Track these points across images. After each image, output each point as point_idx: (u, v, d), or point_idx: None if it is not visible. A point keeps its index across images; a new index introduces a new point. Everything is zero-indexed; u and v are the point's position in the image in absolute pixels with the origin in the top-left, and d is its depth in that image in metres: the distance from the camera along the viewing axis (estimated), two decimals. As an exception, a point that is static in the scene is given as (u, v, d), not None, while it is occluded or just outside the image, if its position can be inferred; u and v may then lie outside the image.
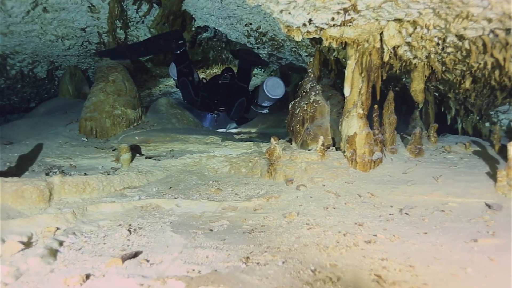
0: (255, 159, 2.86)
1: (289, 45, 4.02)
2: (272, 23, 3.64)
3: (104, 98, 3.76)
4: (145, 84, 6.79)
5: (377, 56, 2.60)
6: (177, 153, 3.40)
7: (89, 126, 3.78)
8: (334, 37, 2.52)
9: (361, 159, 2.60)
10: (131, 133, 3.71)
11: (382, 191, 2.31)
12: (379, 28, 2.42)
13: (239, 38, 4.37)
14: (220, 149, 3.29)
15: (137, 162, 3.06)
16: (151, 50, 4.39)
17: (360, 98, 2.66)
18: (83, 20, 3.88)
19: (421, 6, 2.05)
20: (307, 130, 3.13)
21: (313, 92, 3.28)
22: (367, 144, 2.63)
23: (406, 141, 3.20)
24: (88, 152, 3.35)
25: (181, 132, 3.84)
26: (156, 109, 4.47)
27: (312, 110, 3.16)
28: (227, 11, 3.68)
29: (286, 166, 2.57)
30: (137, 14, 4.22)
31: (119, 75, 3.86)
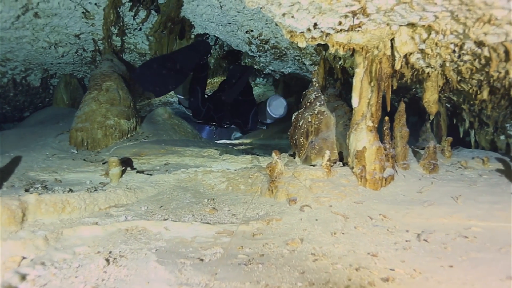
0: (255, 175, 2.65)
1: (292, 53, 3.85)
2: (274, 29, 3.48)
3: (96, 107, 3.59)
4: (143, 93, 6.65)
5: (388, 64, 2.41)
6: (171, 166, 3.20)
7: (80, 137, 3.60)
8: (341, 43, 2.34)
9: (371, 176, 2.39)
10: (124, 145, 3.52)
11: (395, 212, 2.09)
12: (390, 34, 2.24)
13: (240, 46, 4.21)
14: (218, 163, 3.08)
15: (127, 177, 2.86)
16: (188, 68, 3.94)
17: (369, 110, 2.46)
18: (77, 26, 3.74)
19: (438, 9, 1.87)
20: (311, 143, 2.92)
21: (318, 102, 3.09)
22: (378, 159, 2.42)
23: (418, 155, 2.98)
24: (76, 165, 3.16)
25: (178, 144, 3.65)
26: (153, 120, 4.29)
27: (317, 122, 2.96)
28: (227, 17, 3.53)
29: (288, 183, 2.35)
30: (134, 21, 4.09)
31: (113, 84, 3.70)
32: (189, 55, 3.88)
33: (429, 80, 2.69)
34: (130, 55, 4.72)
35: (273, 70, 5.11)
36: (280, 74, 5.24)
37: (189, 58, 3.87)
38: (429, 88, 2.71)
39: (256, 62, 5.01)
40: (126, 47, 4.52)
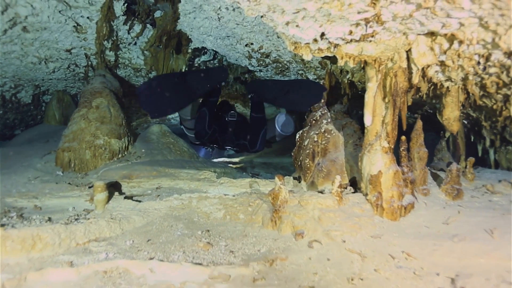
0: (256, 202, 2.37)
1: (295, 67, 3.64)
2: (276, 42, 3.28)
3: (85, 126, 3.36)
4: (140, 109, 6.44)
5: (404, 78, 2.17)
6: (164, 191, 2.92)
7: (67, 158, 3.35)
8: (351, 55, 2.11)
9: (389, 205, 2.10)
10: (113, 166, 3.26)
11: (421, 249, 1.79)
12: (407, 44, 2.01)
13: (240, 60, 4.01)
14: (215, 187, 2.81)
15: (114, 203, 2.59)
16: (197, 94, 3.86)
17: (384, 129, 2.20)
18: (68, 41, 3.56)
19: (464, 15, 1.64)
20: (318, 165, 2.66)
21: (324, 120, 2.84)
22: (395, 185, 2.14)
23: (439, 179, 2.70)
24: (60, 190, 2.89)
25: (172, 165, 3.39)
26: (147, 138, 4.05)
27: (324, 142, 2.70)
28: (226, 30, 3.34)
29: (294, 213, 2.07)
30: (129, 35, 3.92)
31: (104, 101, 3.48)
32: (203, 80, 3.84)
33: (449, 95, 2.44)
34: (125, 71, 4.53)
35: (275, 85, 4.89)
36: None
37: (202, 83, 3.82)
38: (449, 104, 2.46)
39: (257, 77, 4.80)
40: (121, 62, 4.33)
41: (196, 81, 3.79)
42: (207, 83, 3.85)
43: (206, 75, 3.91)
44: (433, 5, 1.59)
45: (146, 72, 4.69)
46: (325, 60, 3.17)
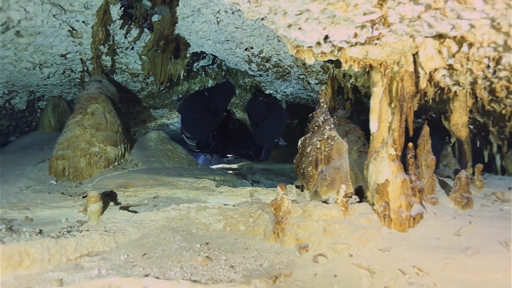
0: (257, 212, 2.28)
1: (296, 71, 3.56)
2: (277, 46, 3.20)
3: (80, 133, 3.26)
4: (138, 115, 6.37)
5: (411, 82, 2.09)
6: (161, 201, 2.82)
7: (61, 166, 3.25)
8: (356, 58, 2.03)
9: (397, 215, 2.01)
10: (109, 175, 3.16)
11: (432, 263, 1.70)
12: (414, 47, 1.93)
13: (239, 65, 3.94)
14: (214, 196, 2.71)
15: (108, 214, 2.49)
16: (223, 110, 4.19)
17: (391, 135, 2.11)
18: (63, 45, 3.48)
19: (476, 16, 1.56)
20: (321, 173, 2.56)
21: (327, 126, 2.75)
22: (403, 194, 2.05)
23: (448, 187, 2.60)
24: (53, 200, 2.79)
25: (170, 173, 3.29)
26: (144, 145, 3.96)
27: (327, 149, 2.61)
28: (225, 34, 3.27)
29: (298, 225, 1.97)
30: (125, 40, 3.84)
31: (99, 107, 3.39)
32: (223, 95, 4.14)
33: (457, 100, 2.36)
34: (122, 76, 4.46)
35: (275, 90, 4.82)
36: (282, 94, 4.96)
37: (223, 98, 4.14)
38: (457, 109, 2.38)
39: (256, 82, 4.73)
40: (118, 67, 4.26)
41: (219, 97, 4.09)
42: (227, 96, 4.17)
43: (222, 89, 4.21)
44: (443, 6, 1.51)
45: (143, 77, 4.62)
46: (327, 64, 3.10)
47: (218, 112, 4.08)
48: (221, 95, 4.13)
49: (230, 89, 4.32)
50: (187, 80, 5.36)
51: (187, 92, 5.68)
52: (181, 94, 5.64)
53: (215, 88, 4.44)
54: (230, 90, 4.32)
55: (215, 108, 4.03)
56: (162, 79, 4.40)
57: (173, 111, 6.46)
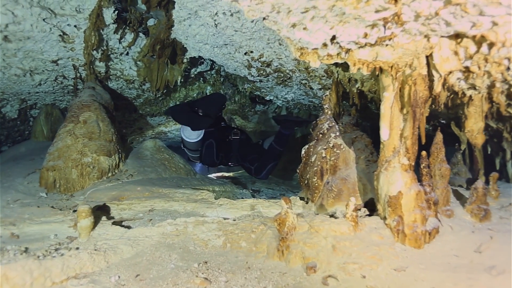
0: (259, 227, 2.12)
1: (298, 76, 3.43)
2: (278, 50, 3.08)
3: (72, 142, 3.12)
4: (134, 123, 6.22)
5: (424, 86, 1.95)
6: (157, 214, 2.67)
7: (52, 178, 3.10)
8: (365, 61, 1.90)
9: (412, 230, 1.86)
10: (102, 186, 3.01)
11: (454, 285, 1.55)
12: (428, 48, 1.80)
13: (238, 70, 3.81)
14: (213, 209, 2.56)
15: (100, 230, 2.33)
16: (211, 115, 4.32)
17: (403, 144, 1.97)
18: (54, 51, 3.35)
19: (501, 11, 1.43)
20: (327, 184, 2.42)
21: (333, 133, 2.61)
22: (418, 207, 1.90)
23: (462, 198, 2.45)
24: (41, 214, 2.63)
25: (166, 184, 3.14)
26: (140, 154, 3.81)
27: (333, 158, 2.47)
28: (223, 37, 3.14)
29: (304, 242, 1.82)
30: (120, 45, 3.72)
31: (92, 115, 3.25)
32: (209, 103, 4.27)
33: (472, 105, 2.23)
34: (117, 82, 4.33)
35: (275, 96, 4.70)
36: (283, 100, 4.83)
37: (210, 106, 4.25)
38: (472, 114, 2.24)
39: (256, 88, 4.60)
40: (112, 74, 4.13)
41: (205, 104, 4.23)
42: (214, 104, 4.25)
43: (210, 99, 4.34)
44: (464, 1, 1.38)
45: (139, 84, 4.49)
46: (331, 69, 2.97)
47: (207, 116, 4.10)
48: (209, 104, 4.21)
49: (219, 97, 4.35)
50: (184, 86, 5.23)
51: (185, 99, 5.56)
52: (179, 101, 5.51)
53: (201, 99, 4.50)
54: (219, 98, 4.33)
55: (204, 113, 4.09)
56: (158, 85, 4.27)
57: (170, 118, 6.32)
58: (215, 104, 4.27)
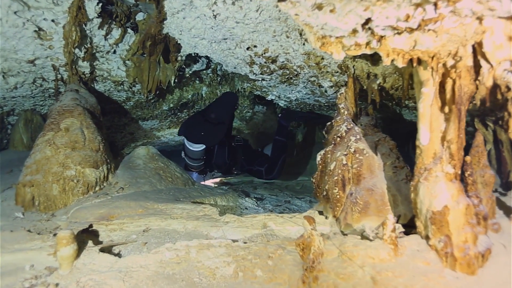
0: (277, 252, 1.81)
1: (306, 73, 3.13)
2: (285, 44, 2.77)
3: (52, 153, 2.77)
4: (125, 128, 5.86)
5: (469, 80, 1.66)
6: (153, 235, 2.34)
7: (29, 195, 2.75)
8: (400, 51, 1.61)
9: (463, 253, 1.57)
10: (88, 203, 2.67)
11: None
12: (480, 33, 1.51)
13: (239, 68, 3.50)
14: (218, 228, 2.24)
15: (86, 258, 2.00)
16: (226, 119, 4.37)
17: (446, 149, 1.68)
18: (29, 49, 3.00)
19: None
20: (351, 196, 2.11)
21: (353, 136, 2.31)
22: (468, 224, 1.61)
23: (503, 207, 2.18)
24: (15, 240, 2.28)
25: (162, 198, 2.81)
26: (131, 164, 3.47)
27: (356, 165, 2.17)
28: (223, 30, 2.83)
29: (336, 273, 1.51)
30: (106, 42, 3.38)
31: (76, 121, 2.91)
32: (221, 107, 4.26)
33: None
34: (104, 84, 3.98)
35: (278, 95, 4.39)
36: (286, 100, 4.52)
37: (222, 109, 4.24)
38: (520, 111, 1.96)
39: (257, 87, 4.29)
40: (98, 75, 3.78)
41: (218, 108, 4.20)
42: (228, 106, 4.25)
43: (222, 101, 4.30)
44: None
45: (129, 86, 4.14)
46: (346, 63, 2.68)
47: (220, 122, 4.06)
48: (220, 106, 4.18)
49: (229, 97, 4.31)
50: (178, 87, 4.90)
51: (179, 101, 5.22)
52: (172, 103, 5.17)
53: (213, 103, 4.45)
54: (230, 98, 4.30)
55: (215, 120, 4.04)
56: (150, 87, 3.94)
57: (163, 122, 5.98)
58: (227, 107, 4.24)
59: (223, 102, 4.29)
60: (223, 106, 4.22)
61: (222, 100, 4.36)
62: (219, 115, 4.13)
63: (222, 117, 4.16)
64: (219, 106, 4.21)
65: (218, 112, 4.14)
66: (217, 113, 4.12)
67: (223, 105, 4.24)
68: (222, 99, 4.41)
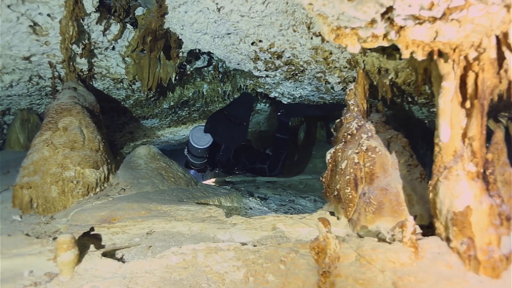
0: (289, 255, 1.73)
1: (313, 69, 3.05)
2: (292, 38, 2.69)
3: (50, 154, 2.68)
4: (124, 127, 5.76)
5: (493, 73, 1.58)
6: (157, 238, 2.26)
7: (27, 197, 2.66)
8: (420, 42, 1.53)
9: (487, 256, 1.49)
10: (89, 205, 2.58)
11: None
12: (506, 22, 1.43)
13: (242, 64, 3.41)
14: (226, 231, 2.16)
15: (87, 264, 1.92)
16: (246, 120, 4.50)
17: (467, 146, 1.60)
18: (25, 45, 2.90)
19: None
20: (364, 196, 2.04)
21: (364, 134, 2.24)
22: (492, 225, 1.54)
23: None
24: (13, 245, 2.20)
25: (165, 199, 2.73)
26: (132, 164, 3.38)
27: (368, 164, 2.09)
28: (227, 25, 2.74)
29: (354, 278, 1.44)
30: (104, 38, 3.28)
31: (74, 120, 2.81)
32: (242, 107, 4.35)
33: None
34: (103, 82, 3.88)
35: (281, 93, 4.30)
36: (289, 97, 4.44)
37: (243, 110, 4.34)
38: (540, 106, 1.88)
39: (260, 84, 4.21)
40: (97, 72, 3.68)
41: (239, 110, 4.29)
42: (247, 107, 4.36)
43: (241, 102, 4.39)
44: None
45: (128, 83, 4.05)
46: (356, 58, 2.60)
47: (242, 122, 4.18)
48: (240, 107, 4.27)
49: (248, 98, 4.40)
50: (178, 85, 4.80)
51: (180, 100, 5.13)
52: (173, 101, 5.08)
53: (232, 103, 4.55)
54: (249, 99, 4.39)
55: (237, 120, 4.15)
56: (150, 84, 3.84)
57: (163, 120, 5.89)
58: (247, 107, 4.35)
59: (243, 102, 4.35)
60: (244, 107, 4.31)
61: (242, 100, 4.41)
62: (241, 116, 4.23)
63: (244, 117, 4.25)
64: (240, 107, 4.29)
65: (240, 112, 4.24)
66: (239, 114, 4.23)
67: (244, 106, 4.32)
68: (241, 99, 4.45)
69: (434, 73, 1.72)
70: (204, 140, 4.50)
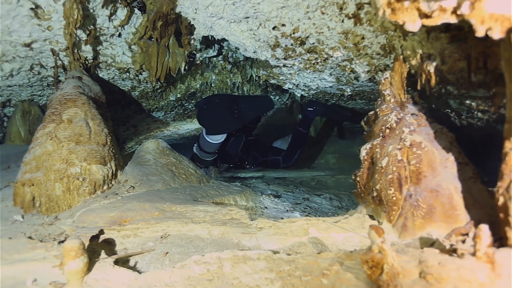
0: (332, 268, 1.48)
1: (339, 56, 2.77)
2: (319, 21, 2.41)
3: (54, 148, 2.42)
4: (128, 120, 5.49)
5: None
6: (174, 243, 2.01)
7: (29, 195, 2.41)
8: (499, 17, 1.25)
9: None
10: (96, 205, 2.33)
11: None
12: None
13: (259, 52, 3.13)
14: (251, 236, 1.91)
15: (98, 273, 1.67)
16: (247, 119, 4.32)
17: (549, 140, 1.34)
18: (25, 30, 2.62)
19: None
20: (410, 198, 1.78)
21: (406, 128, 1.98)
22: None
23: None
24: (15, 249, 1.95)
25: (179, 198, 2.48)
26: (140, 159, 3.12)
27: (414, 161, 1.83)
28: (246, 7, 2.46)
29: (422, 300, 1.18)
30: (110, 23, 3.00)
31: (79, 112, 2.55)
32: (254, 106, 4.22)
33: None
34: (108, 72, 3.61)
35: (296, 84, 4.03)
36: (304, 89, 4.16)
37: (253, 109, 4.21)
38: None
39: (274, 75, 3.93)
40: (102, 60, 3.41)
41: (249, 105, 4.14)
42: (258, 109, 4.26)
43: (257, 101, 4.30)
44: None
45: (135, 73, 3.78)
46: (392, 43, 2.32)
47: (242, 118, 3.99)
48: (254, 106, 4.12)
49: (267, 103, 4.24)
50: (186, 76, 4.53)
51: (187, 91, 4.85)
52: (180, 93, 4.81)
53: (250, 97, 4.47)
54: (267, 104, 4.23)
55: (240, 114, 3.98)
56: (158, 74, 3.57)
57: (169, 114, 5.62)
58: (257, 110, 4.22)
59: (258, 103, 4.25)
60: (255, 108, 4.18)
61: (259, 101, 4.32)
62: (246, 114, 4.07)
63: (246, 117, 4.11)
64: (251, 106, 4.13)
65: (248, 111, 4.09)
66: (246, 112, 4.06)
67: (255, 107, 4.19)
68: (259, 100, 4.37)
69: (504, 55, 1.45)
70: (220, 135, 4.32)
